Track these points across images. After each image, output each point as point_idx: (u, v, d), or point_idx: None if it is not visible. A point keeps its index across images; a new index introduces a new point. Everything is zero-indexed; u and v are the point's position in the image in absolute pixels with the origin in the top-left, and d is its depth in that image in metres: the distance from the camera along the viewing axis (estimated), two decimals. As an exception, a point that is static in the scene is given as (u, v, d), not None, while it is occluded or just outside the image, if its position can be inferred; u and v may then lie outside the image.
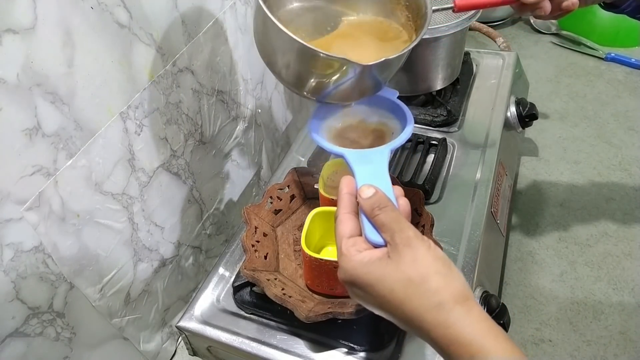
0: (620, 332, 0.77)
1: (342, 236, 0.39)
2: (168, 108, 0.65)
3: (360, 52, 0.52)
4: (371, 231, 0.38)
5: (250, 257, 0.56)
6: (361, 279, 0.37)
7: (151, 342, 0.72)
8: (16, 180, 0.46)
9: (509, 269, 0.87)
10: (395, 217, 0.38)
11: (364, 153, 0.45)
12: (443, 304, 0.34)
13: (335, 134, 0.52)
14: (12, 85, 0.44)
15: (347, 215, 0.40)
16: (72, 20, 0.48)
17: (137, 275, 0.66)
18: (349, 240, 0.39)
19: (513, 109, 0.88)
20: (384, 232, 0.38)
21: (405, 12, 0.53)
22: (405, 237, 0.37)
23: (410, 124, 0.49)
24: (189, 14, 0.65)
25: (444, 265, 0.36)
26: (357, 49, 0.52)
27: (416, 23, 0.52)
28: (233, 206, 0.88)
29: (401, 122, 0.51)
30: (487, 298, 0.58)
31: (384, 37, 0.54)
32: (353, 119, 0.53)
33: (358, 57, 0.44)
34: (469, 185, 0.71)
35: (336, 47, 0.52)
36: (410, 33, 0.53)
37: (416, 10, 0.52)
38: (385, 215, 0.38)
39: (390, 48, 0.52)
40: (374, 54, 0.50)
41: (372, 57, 0.45)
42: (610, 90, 1.23)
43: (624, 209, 0.95)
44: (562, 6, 0.51)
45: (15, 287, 0.48)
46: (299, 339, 0.56)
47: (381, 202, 0.39)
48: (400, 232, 0.37)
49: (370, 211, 0.39)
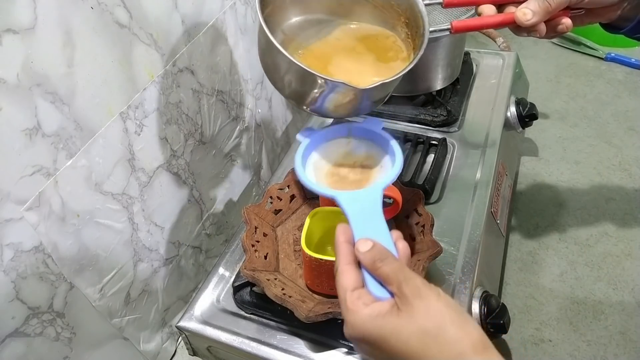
0: (620, 332, 0.77)
1: (345, 289, 0.37)
2: (168, 108, 0.65)
3: (360, 70, 0.52)
4: (375, 285, 0.37)
5: (250, 257, 0.56)
6: (373, 334, 0.35)
7: (151, 342, 0.72)
8: (16, 180, 0.46)
9: (509, 269, 0.87)
10: (398, 267, 0.36)
11: (356, 195, 0.44)
12: (463, 355, 0.33)
13: (322, 170, 0.50)
14: (12, 85, 0.44)
15: (347, 266, 0.39)
16: (72, 20, 0.48)
17: (137, 275, 0.66)
18: (354, 293, 0.37)
19: (513, 109, 0.88)
20: (389, 284, 0.36)
21: (405, 28, 0.53)
22: (414, 286, 0.35)
23: (399, 157, 0.48)
24: (189, 14, 0.65)
25: (457, 313, 0.35)
26: (356, 65, 0.52)
27: (414, 42, 0.52)
28: (233, 206, 0.88)
29: (389, 153, 0.50)
30: (487, 298, 0.58)
31: (384, 55, 0.53)
32: (339, 154, 0.51)
33: (357, 76, 0.47)
34: (469, 185, 0.70)
35: (336, 64, 0.52)
36: (409, 50, 0.53)
37: (415, 29, 0.52)
38: (387, 267, 0.37)
39: (388, 67, 0.52)
40: (373, 73, 0.51)
41: (371, 74, 0.48)
42: (610, 90, 1.23)
43: (624, 209, 0.95)
44: (557, 29, 0.51)
45: (15, 287, 0.48)
46: (299, 339, 0.56)
47: (381, 254, 0.37)
48: (407, 282, 0.35)
49: (371, 265, 0.37)
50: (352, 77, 0.50)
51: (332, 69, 0.51)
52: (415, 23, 0.51)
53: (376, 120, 0.52)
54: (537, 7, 0.48)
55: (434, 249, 0.54)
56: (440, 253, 0.54)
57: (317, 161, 0.51)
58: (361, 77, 0.50)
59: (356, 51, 0.54)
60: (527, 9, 0.48)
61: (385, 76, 0.48)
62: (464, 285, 0.58)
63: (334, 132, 0.52)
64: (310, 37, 0.54)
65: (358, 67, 0.52)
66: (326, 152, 0.52)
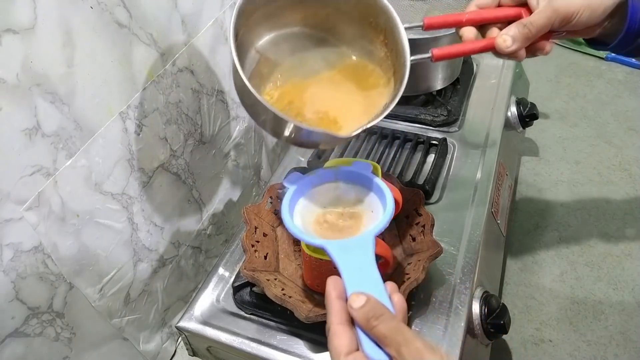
0: (620, 332, 0.77)
1: (339, 354, 0.34)
2: (168, 108, 0.65)
3: (340, 102, 0.51)
4: (371, 346, 0.34)
5: (250, 257, 0.56)
6: None
7: (151, 342, 0.72)
8: (16, 180, 0.46)
9: (509, 269, 0.87)
10: (395, 327, 0.34)
11: (346, 243, 0.42)
12: None
13: (311, 218, 0.49)
14: (11, 85, 0.43)
15: (340, 326, 0.35)
16: (71, 20, 0.48)
17: (136, 276, 0.66)
18: (348, 358, 0.34)
19: (513, 108, 0.88)
20: (386, 346, 0.33)
21: (384, 48, 0.51)
22: (415, 349, 0.32)
23: (390, 201, 0.46)
24: (189, 13, 0.65)
25: None
26: (337, 95, 0.51)
27: (394, 65, 0.50)
28: (233, 206, 0.88)
29: (379, 197, 0.49)
30: (488, 298, 0.58)
31: (365, 82, 0.52)
32: (328, 199, 0.50)
33: (338, 109, 0.47)
34: (469, 185, 0.70)
35: (315, 94, 0.51)
36: (389, 73, 0.51)
37: (395, 53, 0.50)
38: (384, 326, 0.34)
39: (369, 97, 0.51)
40: (355, 103, 0.50)
41: (352, 105, 0.48)
42: (610, 90, 1.23)
43: (624, 209, 0.95)
44: (536, 53, 0.51)
45: (15, 287, 0.48)
46: (299, 339, 0.55)
47: (376, 310, 0.35)
48: (408, 345, 0.33)
49: (365, 323, 0.34)
50: (333, 109, 0.50)
51: (312, 101, 0.50)
52: (395, 47, 0.49)
53: (364, 164, 0.51)
54: (518, 34, 0.47)
55: (434, 249, 0.54)
56: (440, 253, 0.54)
57: (305, 207, 0.50)
58: (342, 110, 0.50)
59: (335, 80, 0.52)
60: (507, 35, 0.47)
61: (367, 106, 0.48)
62: (464, 285, 0.58)
63: (321, 177, 0.51)
64: (285, 57, 0.51)
65: (338, 98, 0.51)
66: (314, 198, 0.51)
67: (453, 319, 0.55)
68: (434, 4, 0.79)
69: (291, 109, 0.50)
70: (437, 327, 0.54)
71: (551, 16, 0.47)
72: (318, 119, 0.50)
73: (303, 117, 0.49)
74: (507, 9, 0.50)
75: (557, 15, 0.47)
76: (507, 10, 0.50)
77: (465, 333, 0.54)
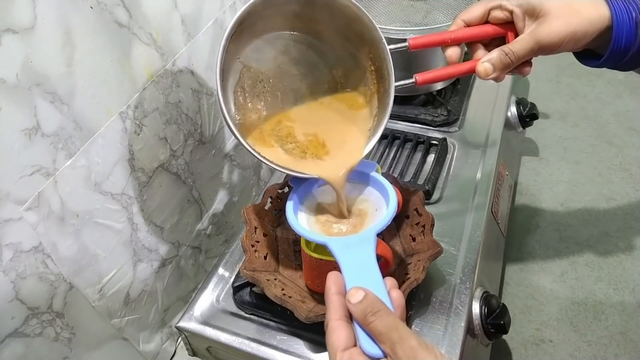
0: (620, 332, 0.77)
1: (336, 349, 0.34)
2: (168, 108, 0.65)
3: (325, 126, 0.52)
4: (367, 341, 0.34)
5: (250, 257, 0.56)
6: None
7: (151, 342, 0.72)
8: (15, 180, 0.46)
9: (510, 269, 0.87)
10: (391, 323, 0.34)
11: (348, 240, 0.42)
12: None
13: (315, 216, 0.50)
14: (11, 85, 0.43)
15: (338, 322, 0.36)
16: (71, 20, 0.48)
17: (136, 276, 0.66)
18: (345, 354, 0.34)
19: (513, 108, 0.88)
20: (381, 343, 0.34)
21: (369, 62, 0.51)
22: (408, 348, 0.32)
23: (393, 200, 0.47)
24: (188, 13, 0.65)
25: None
26: (322, 120, 0.52)
27: (378, 85, 0.52)
28: (233, 206, 0.88)
29: (383, 196, 0.49)
30: (488, 298, 0.58)
31: (355, 102, 0.53)
32: (333, 198, 0.50)
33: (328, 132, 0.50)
34: (469, 185, 0.70)
35: (300, 115, 0.52)
36: (371, 94, 0.52)
37: (379, 71, 0.51)
38: (380, 322, 0.34)
39: (359, 117, 0.52)
40: (346, 125, 0.52)
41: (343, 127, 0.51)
42: (610, 90, 1.23)
43: (625, 209, 0.95)
44: (515, 74, 0.52)
45: (14, 288, 0.48)
46: (299, 340, 0.55)
47: (373, 306, 0.35)
48: (402, 343, 0.33)
49: (362, 318, 0.35)
50: (321, 131, 0.51)
51: (300, 120, 0.52)
52: (379, 65, 0.50)
53: (369, 163, 0.51)
54: (498, 62, 0.49)
55: (435, 249, 0.54)
56: (440, 253, 0.54)
57: (310, 206, 0.51)
58: (330, 132, 0.52)
59: (321, 99, 0.53)
60: (488, 63, 0.49)
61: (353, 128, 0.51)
62: (465, 285, 0.57)
63: None
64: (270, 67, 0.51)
65: (326, 118, 0.52)
66: (319, 197, 0.52)
67: (453, 319, 0.54)
68: (433, 4, 0.79)
69: (281, 129, 0.51)
70: (437, 327, 0.54)
71: (533, 47, 0.47)
72: (307, 142, 0.51)
73: (294, 139, 0.51)
74: (493, 28, 0.51)
75: (539, 46, 0.47)
76: (494, 28, 0.51)
77: (466, 333, 0.54)
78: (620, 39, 0.45)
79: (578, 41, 0.47)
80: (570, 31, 0.46)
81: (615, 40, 0.46)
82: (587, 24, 0.46)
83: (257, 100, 0.51)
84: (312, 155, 0.51)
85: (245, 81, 0.50)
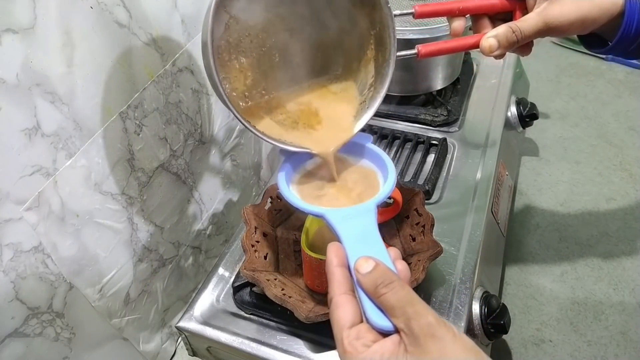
0: (620, 332, 0.77)
1: (342, 327, 0.32)
2: (167, 108, 0.65)
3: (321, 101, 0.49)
4: (375, 313, 0.32)
5: (250, 257, 0.56)
6: None
7: (151, 342, 0.72)
8: (15, 180, 0.46)
9: (510, 269, 0.87)
10: (406, 297, 0.31)
11: (347, 212, 0.40)
12: None
13: (309, 189, 0.47)
14: (11, 85, 0.43)
15: (343, 297, 0.33)
16: (71, 20, 0.48)
17: (136, 276, 0.66)
18: (351, 331, 0.31)
19: (513, 108, 0.88)
20: (394, 317, 0.31)
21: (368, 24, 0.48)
22: (426, 324, 0.30)
23: (391, 171, 0.45)
24: (188, 13, 0.65)
25: (477, 357, 0.29)
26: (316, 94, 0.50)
27: (377, 53, 0.48)
28: (233, 206, 0.88)
29: (380, 168, 0.47)
30: (488, 298, 0.58)
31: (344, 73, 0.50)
32: (327, 171, 0.48)
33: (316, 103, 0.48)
34: (469, 185, 0.70)
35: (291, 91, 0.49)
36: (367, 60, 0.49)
37: (379, 40, 0.48)
38: (393, 295, 0.31)
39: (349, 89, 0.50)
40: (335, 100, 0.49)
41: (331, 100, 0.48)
42: (611, 90, 1.23)
43: (625, 209, 0.95)
44: (516, 52, 0.51)
45: (14, 288, 0.48)
46: (299, 339, 0.55)
47: (385, 277, 0.32)
48: (418, 319, 0.30)
49: (373, 290, 0.32)
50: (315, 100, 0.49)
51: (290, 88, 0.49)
52: (380, 30, 0.47)
53: (365, 135, 0.49)
54: (504, 39, 0.47)
55: (435, 249, 0.54)
56: (440, 253, 0.54)
57: (303, 179, 0.48)
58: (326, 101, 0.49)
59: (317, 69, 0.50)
60: (494, 39, 0.47)
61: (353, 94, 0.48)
62: (465, 285, 0.57)
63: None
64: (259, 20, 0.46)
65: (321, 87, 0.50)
66: (313, 170, 0.49)
67: (453, 319, 0.54)
68: None
69: (270, 99, 0.48)
70: (437, 327, 0.54)
71: (542, 28, 0.46)
72: (299, 111, 0.48)
73: (284, 109, 0.48)
74: (501, 1, 0.49)
75: (547, 28, 0.46)
76: (502, 2, 0.49)
77: (466, 333, 0.54)
78: (630, 25, 0.45)
79: (587, 26, 0.46)
80: (581, 15, 0.45)
81: (626, 27, 0.45)
82: (599, 10, 0.45)
83: (244, 58, 0.47)
84: (304, 124, 0.48)
85: (231, 34, 0.45)
